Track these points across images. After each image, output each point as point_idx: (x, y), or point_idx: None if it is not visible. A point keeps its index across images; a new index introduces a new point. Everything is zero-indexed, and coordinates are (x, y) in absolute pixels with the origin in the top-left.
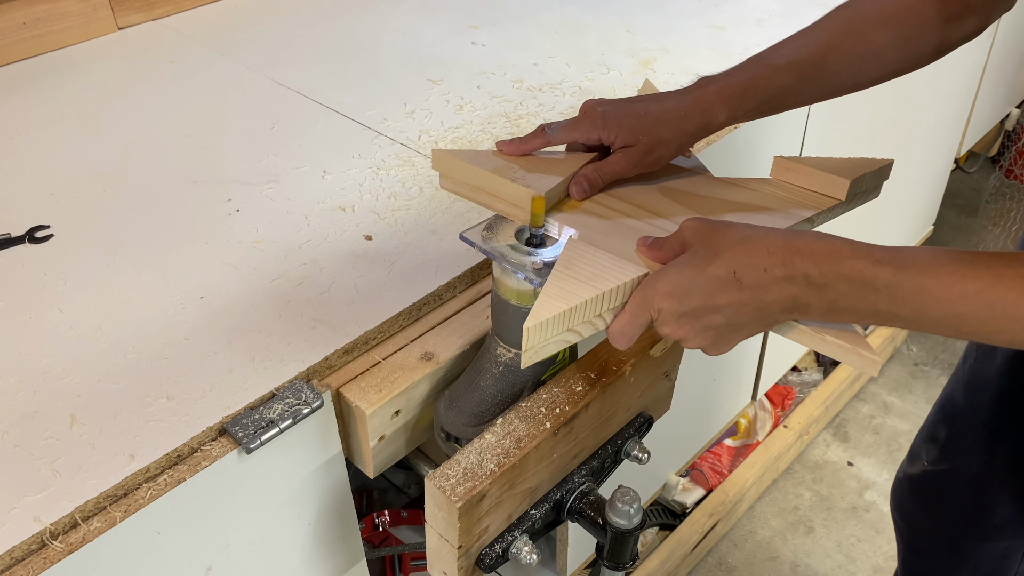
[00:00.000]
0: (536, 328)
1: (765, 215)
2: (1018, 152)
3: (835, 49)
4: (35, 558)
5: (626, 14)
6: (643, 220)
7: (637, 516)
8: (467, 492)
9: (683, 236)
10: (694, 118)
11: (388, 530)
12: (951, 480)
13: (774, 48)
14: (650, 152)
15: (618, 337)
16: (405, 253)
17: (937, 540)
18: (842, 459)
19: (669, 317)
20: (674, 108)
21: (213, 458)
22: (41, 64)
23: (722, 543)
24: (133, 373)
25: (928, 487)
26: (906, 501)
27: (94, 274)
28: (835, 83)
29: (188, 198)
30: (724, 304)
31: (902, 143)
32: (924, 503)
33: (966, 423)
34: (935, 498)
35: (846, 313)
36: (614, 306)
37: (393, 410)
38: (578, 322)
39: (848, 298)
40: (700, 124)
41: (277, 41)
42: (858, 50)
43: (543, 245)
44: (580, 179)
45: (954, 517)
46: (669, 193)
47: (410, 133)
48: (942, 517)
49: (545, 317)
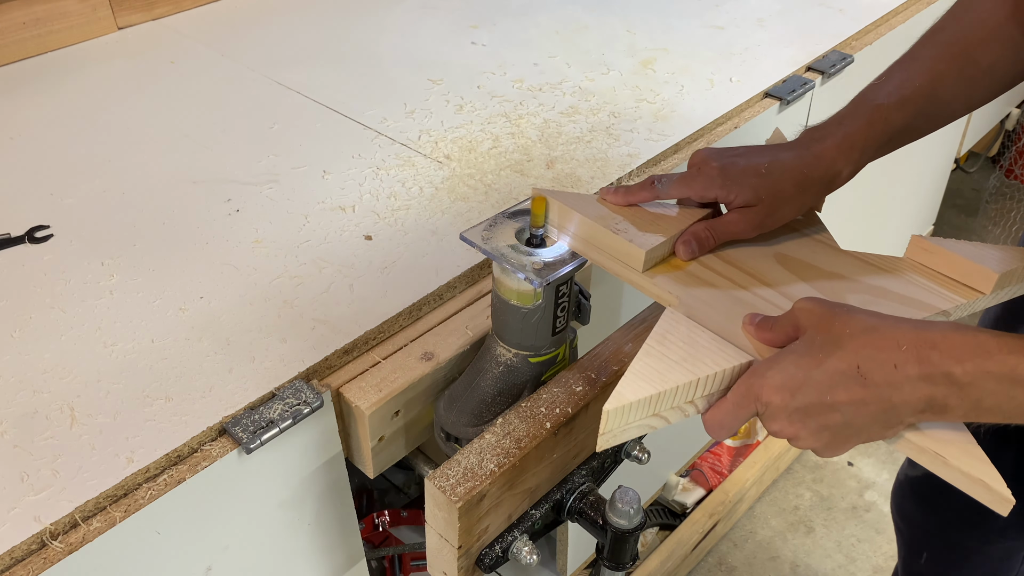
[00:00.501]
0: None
1: (896, 303)
2: (1018, 152)
3: (944, 77)
4: (35, 558)
5: (626, 14)
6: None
7: (637, 516)
8: (467, 492)
9: (796, 319)
10: (818, 176)
11: (388, 530)
12: None
13: (878, 85)
14: (772, 214)
15: (716, 429)
16: (405, 253)
17: (937, 542)
18: (842, 459)
19: (779, 413)
20: (796, 165)
21: (213, 458)
22: (41, 64)
23: (722, 543)
24: (133, 373)
25: (929, 489)
26: (907, 503)
27: (94, 274)
28: (949, 111)
29: (188, 198)
30: (844, 402)
31: None
32: (925, 505)
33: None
34: (936, 500)
35: (991, 413)
36: (709, 392)
37: (393, 410)
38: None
39: (996, 397)
40: (824, 182)
41: (277, 41)
42: (967, 73)
43: (543, 245)
44: (689, 238)
45: (955, 519)
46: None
47: (410, 133)
48: (943, 519)
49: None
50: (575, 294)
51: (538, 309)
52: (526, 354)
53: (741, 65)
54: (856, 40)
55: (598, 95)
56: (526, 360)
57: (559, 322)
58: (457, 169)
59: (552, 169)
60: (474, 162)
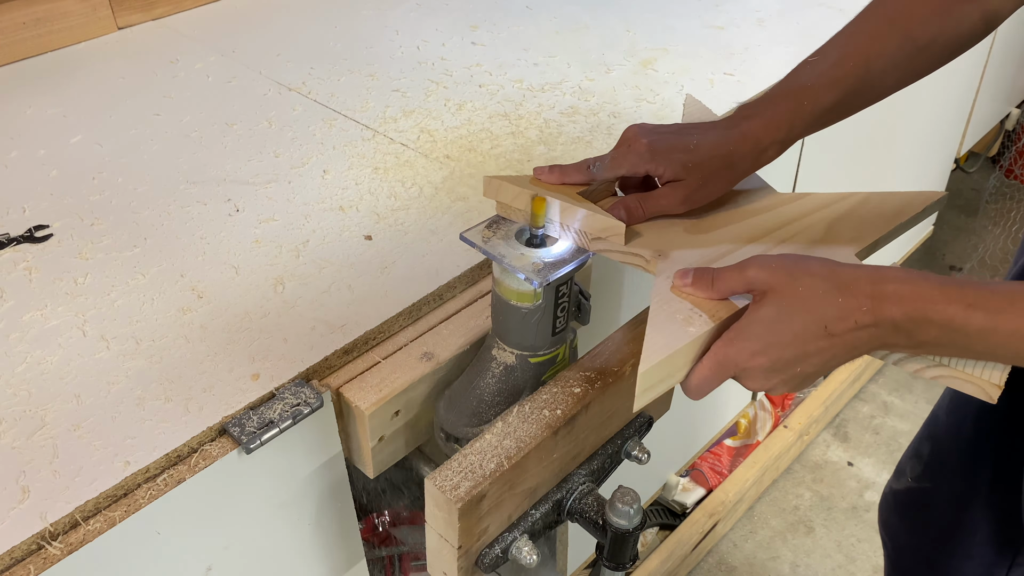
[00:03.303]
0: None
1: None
2: (1018, 152)
3: (879, 56)
4: (35, 558)
5: (626, 14)
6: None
7: (637, 516)
8: (467, 492)
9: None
10: (744, 153)
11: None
12: (933, 497)
13: (812, 64)
14: (699, 189)
15: (695, 393)
16: (405, 253)
17: (920, 557)
18: (842, 459)
19: (756, 373)
20: (722, 143)
21: (213, 458)
22: (41, 64)
23: (722, 543)
24: (132, 373)
25: (911, 503)
26: (891, 517)
27: (93, 274)
28: (881, 88)
29: (188, 198)
30: (812, 353)
31: (902, 143)
32: (907, 519)
33: (949, 441)
34: (918, 514)
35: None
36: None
37: (393, 410)
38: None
39: (939, 341)
40: (750, 160)
41: (277, 41)
42: (905, 50)
43: (543, 245)
44: (619, 207)
45: (935, 535)
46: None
47: (410, 133)
48: (924, 534)
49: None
50: (575, 294)
51: (538, 309)
52: (526, 354)
53: (741, 65)
54: None
55: (598, 95)
56: (526, 360)
57: (559, 322)
58: (457, 169)
59: None
60: (474, 162)
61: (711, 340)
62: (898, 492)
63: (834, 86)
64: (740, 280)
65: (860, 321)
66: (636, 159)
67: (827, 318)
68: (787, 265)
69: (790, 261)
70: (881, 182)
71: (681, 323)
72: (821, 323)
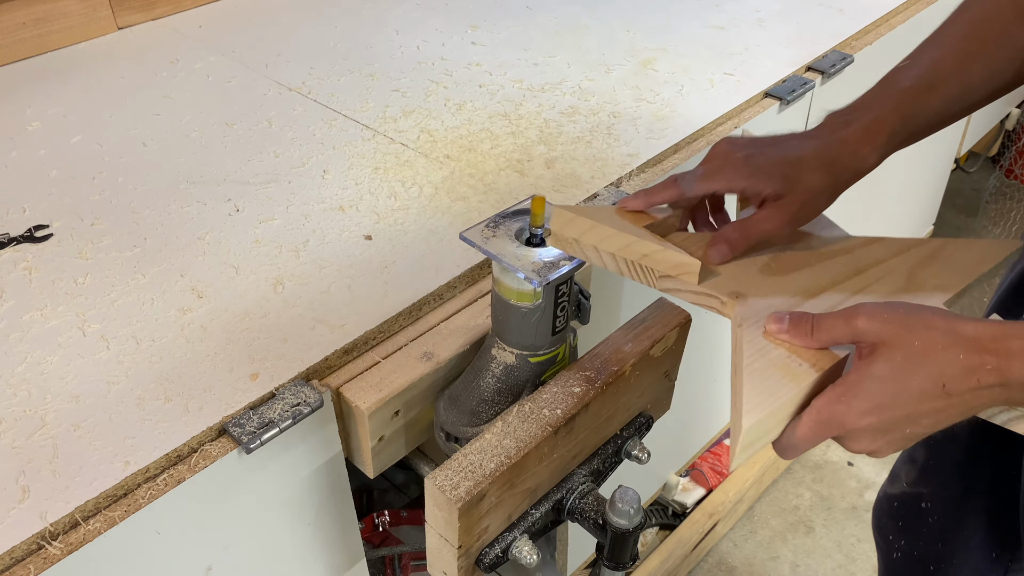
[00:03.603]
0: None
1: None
2: (1018, 152)
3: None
4: (35, 558)
5: (626, 14)
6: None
7: (637, 516)
8: (467, 492)
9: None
10: (844, 163)
11: (388, 530)
12: (928, 502)
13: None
14: (805, 206)
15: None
16: (405, 253)
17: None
18: (842, 459)
19: (864, 435)
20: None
21: (213, 458)
22: (41, 64)
23: (722, 543)
24: (132, 373)
25: (906, 508)
26: (886, 521)
27: (93, 274)
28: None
29: (188, 198)
30: (926, 413)
31: None
32: (902, 523)
33: (944, 446)
34: (912, 519)
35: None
36: None
37: (393, 410)
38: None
39: None
40: (851, 170)
41: (277, 41)
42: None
43: (543, 245)
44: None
45: (930, 540)
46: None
47: (410, 133)
48: (918, 539)
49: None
50: (575, 294)
51: (538, 309)
52: (526, 354)
53: (741, 65)
54: (856, 40)
55: (598, 95)
56: (526, 360)
57: (559, 322)
58: (457, 169)
59: (552, 169)
60: (474, 162)
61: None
62: (892, 496)
63: (933, 91)
64: (846, 330)
65: (983, 381)
66: (733, 173)
67: (946, 376)
68: (901, 316)
69: (903, 312)
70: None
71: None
72: (939, 382)
